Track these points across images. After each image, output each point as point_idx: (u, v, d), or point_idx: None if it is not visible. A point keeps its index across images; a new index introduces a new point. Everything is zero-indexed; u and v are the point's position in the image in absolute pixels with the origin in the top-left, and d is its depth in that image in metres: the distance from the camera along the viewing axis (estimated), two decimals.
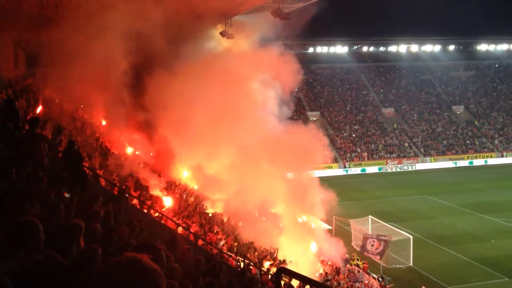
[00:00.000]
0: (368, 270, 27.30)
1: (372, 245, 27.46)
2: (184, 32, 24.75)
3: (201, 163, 28.46)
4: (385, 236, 28.04)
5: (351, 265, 27.67)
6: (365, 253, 28.07)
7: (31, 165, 7.25)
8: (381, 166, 61.91)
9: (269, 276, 18.00)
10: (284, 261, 22.35)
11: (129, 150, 26.47)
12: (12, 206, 4.82)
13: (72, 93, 23.01)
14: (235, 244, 21.15)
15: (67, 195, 7.35)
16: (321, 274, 24.57)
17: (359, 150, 65.25)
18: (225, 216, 25.63)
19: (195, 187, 29.08)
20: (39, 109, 16.27)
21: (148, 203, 17.62)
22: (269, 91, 29.55)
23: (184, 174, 29.78)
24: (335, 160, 62.39)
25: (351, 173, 60.25)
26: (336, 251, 28.44)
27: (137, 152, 27.31)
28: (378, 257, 27.49)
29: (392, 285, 25.60)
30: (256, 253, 22.17)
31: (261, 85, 29.37)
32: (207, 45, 29.54)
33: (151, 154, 28.07)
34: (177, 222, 17.85)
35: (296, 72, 29.21)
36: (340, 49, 76.08)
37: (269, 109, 29.66)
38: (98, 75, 22.25)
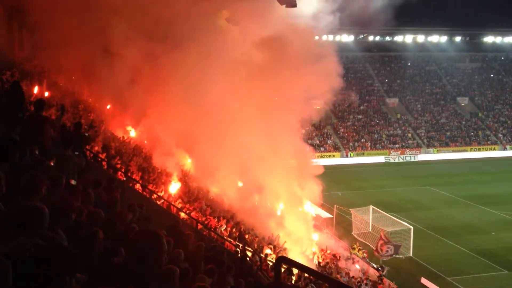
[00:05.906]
0: (367, 260, 27.46)
1: (387, 251, 27.09)
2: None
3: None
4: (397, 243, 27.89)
5: (351, 253, 27.83)
6: (376, 253, 27.73)
7: (35, 148, 7.25)
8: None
9: (269, 263, 18.08)
10: (285, 249, 22.43)
11: (132, 134, 26.04)
12: (21, 190, 4.81)
13: (77, 76, 22.90)
14: (234, 230, 21.14)
15: (73, 182, 7.30)
16: (320, 262, 24.69)
17: (362, 139, 65.19)
18: (225, 201, 25.42)
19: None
20: (46, 93, 16.23)
21: (150, 186, 17.63)
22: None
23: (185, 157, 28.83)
24: (338, 149, 62.40)
25: (353, 162, 60.16)
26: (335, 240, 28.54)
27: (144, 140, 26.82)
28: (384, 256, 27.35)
29: (387, 269, 25.76)
30: (256, 239, 22.24)
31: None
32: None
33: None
34: (179, 207, 17.91)
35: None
36: (346, 38, 75.53)
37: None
38: (102, 57, 22.18)
